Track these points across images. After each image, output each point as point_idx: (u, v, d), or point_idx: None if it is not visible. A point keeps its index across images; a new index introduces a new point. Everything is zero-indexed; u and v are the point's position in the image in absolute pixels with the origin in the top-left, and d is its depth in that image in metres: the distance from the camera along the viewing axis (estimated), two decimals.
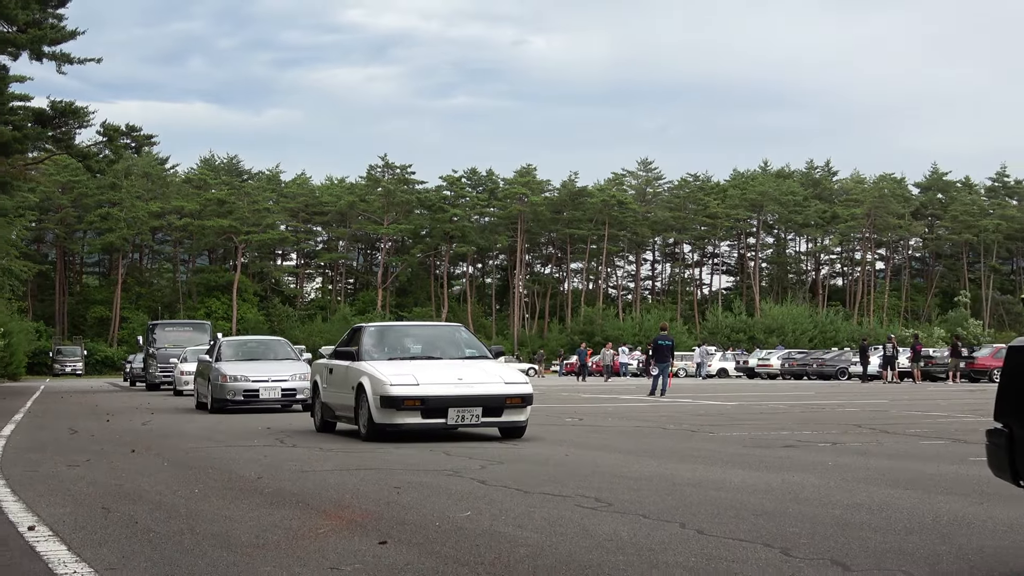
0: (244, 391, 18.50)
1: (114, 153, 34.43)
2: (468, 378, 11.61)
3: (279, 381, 18.59)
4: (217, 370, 19.07)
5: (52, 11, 30.64)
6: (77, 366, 72.54)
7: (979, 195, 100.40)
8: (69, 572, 4.65)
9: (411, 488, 7.40)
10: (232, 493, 7.31)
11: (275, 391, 18.51)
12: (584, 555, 4.87)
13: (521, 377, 11.99)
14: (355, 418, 12.10)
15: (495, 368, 12.16)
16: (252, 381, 18.59)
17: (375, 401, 11.38)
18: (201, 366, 21.05)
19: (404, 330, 13.99)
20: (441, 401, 11.29)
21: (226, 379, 18.62)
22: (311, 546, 5.17)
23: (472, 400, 11.35)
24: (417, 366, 11.95)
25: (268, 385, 18.55)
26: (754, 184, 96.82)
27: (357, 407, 11.97)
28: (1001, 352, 40.60)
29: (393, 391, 11.24)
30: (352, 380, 12.13)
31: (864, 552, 4.88)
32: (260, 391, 18.52)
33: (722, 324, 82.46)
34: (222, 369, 19.00)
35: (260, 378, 18.64)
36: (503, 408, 11.49)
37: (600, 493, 6.98)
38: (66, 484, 7.97)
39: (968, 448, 10.36)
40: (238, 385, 18.56)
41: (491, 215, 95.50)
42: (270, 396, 18.49)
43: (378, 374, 11.54)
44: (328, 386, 13.29)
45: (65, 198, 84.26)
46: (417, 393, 11.26)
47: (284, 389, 18.53)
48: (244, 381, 18.59)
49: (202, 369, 20.80)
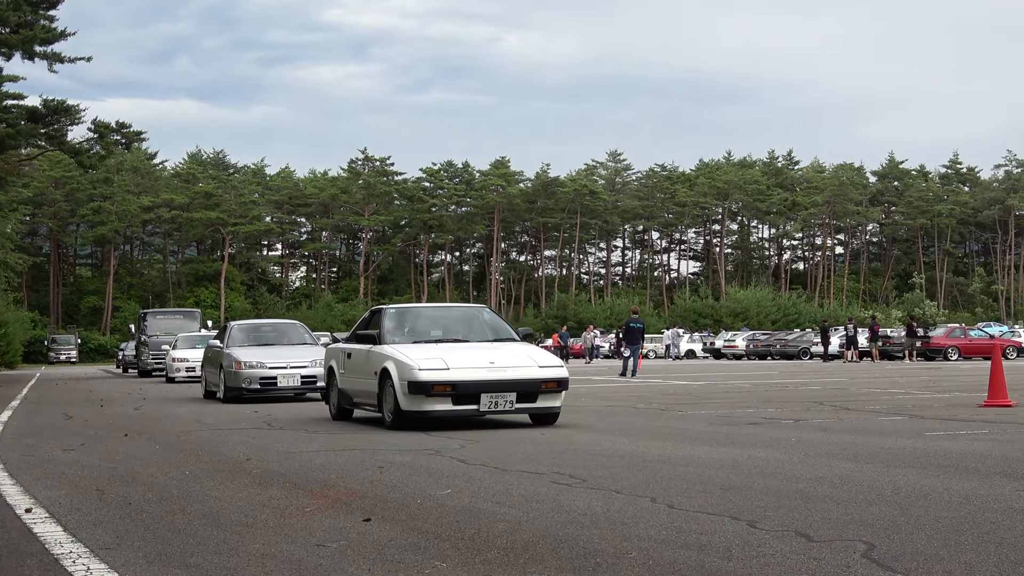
0: (261, 379, 17.00)
1: (105, 149, 34.99)
2: (500, 361, 10.80)
3: (298, 368, 17.13)
4: (230, 356, 17.46)
5: (43, 12, 31.06)
6: (71, 354, 73.37)
7: (933, 182, 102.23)
8: (65, 552, 4.72)
9: (394, 467, 7.56)
10: (222, 474, 7.44)
11: (294, 378, 17.05)
12: (560, 529, 4.99)
13: (556, 360, 11.24)
14: (378, 405, 11.30)
15: (527, 351, 11.38)
16: (269, 368, 17.04)
17: (402, 387, 10.57)
18: (210, 352, 19.30)
19: (427, 312, 13.35)
20: (473, 386, 10.49)
21: (241, 366, 17.07)
22: (298, 524, 5.29)
23: (506, 385, 10.58)
24: (445, 349, 11.10)
25: (287, 372, 17.04)
26: (719, 174, 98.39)
27: (381, 393, 11.16)
28: (955, 332, 41.34)
29: (422, 376, 10.43)
30: (375, 365, 11.28)
31: (826, 523, 5.01)
32: (278, 378, 17.02)
33: (689, 308, 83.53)
34: (236, 355, 17.38)
35: (278, 364, 17.14)
36: (538, 393, 10.76)
37: (574, 470, 7.15)
38: (61, 468, 8.10)
39: (925, 423, 10.61)
40: (254, 372, 17.01)
41: (468, 205, 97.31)
42: (289, 384, 17.05)
43: (405, 358, 10.72)
44: (346, 372, 12.45)
45: (58, 193, 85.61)
46: (448, 378, 10.47)
47: (304, 376, 17.06)
48: (260, 368, 17.04)
49: (212, 355, 19.05)
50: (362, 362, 11.82)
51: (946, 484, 6.25)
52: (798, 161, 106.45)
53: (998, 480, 6.41)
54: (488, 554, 4.49)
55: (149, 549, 4.77)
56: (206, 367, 19.71)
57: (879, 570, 4.06)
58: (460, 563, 4.33)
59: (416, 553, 4.55)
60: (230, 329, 19.21)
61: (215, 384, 18.31)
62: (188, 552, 4.68)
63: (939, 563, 4.14)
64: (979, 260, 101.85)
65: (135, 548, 4.80)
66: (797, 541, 4.62)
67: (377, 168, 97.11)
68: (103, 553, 4.69)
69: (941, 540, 4.58)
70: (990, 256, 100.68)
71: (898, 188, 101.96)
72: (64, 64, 31.67)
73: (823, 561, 4.22)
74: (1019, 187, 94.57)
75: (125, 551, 4.74)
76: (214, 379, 18.47)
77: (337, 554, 4.56)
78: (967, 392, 16.22)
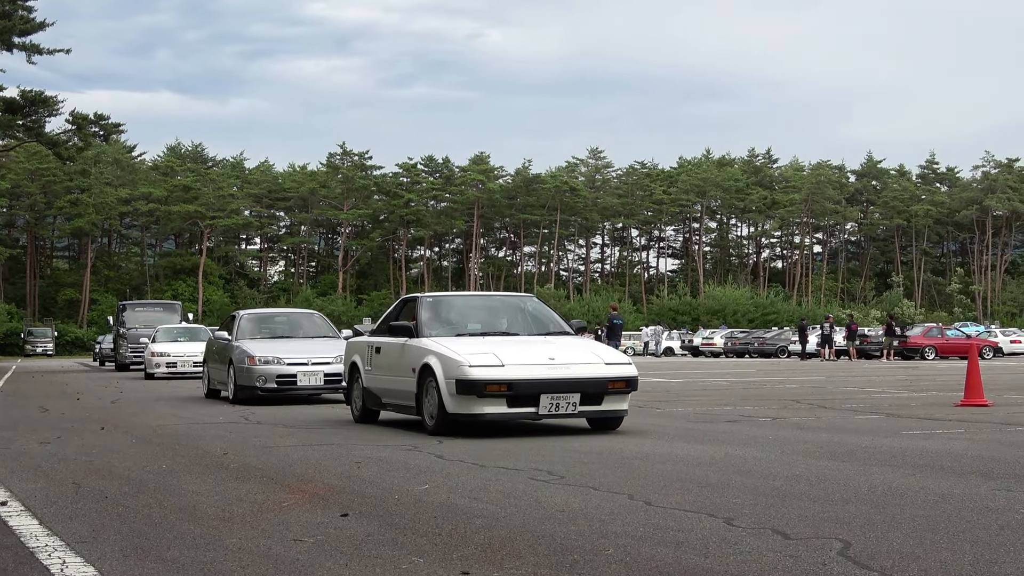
0: (278, 377, 14.84)
1: (83, 141, 35.00)
2: (561, 358, 9.59)
3: (320, 363, 14.99)
4: (241, 350, 15.25)
5: (21, 3, 30.96)
6: (48, 347, 73.19)
7: (911, 182, 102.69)
8: (41, 546, 4.70)
9: (371, 463, 7.56)
10: (199, 468, 7.42)
11: (316, 376, 14.91)
12: (537, 526, 5.00)
13: (623, 358, 10.10)
14: (416, 407, 10.03)
15: (587, 345, 10.28)
16: (287, 364, 14.91)
17: (448, 386, 9.34)
18: (215, 346, 17.06)
19: (469, 301, 12.19)
20: (532, 386, 9.28)
21: (254, 361, 14.90)
22: (275, 519, 5.28)
23: (570, 385, 9.40)
24: (496, 343, 9.87)
25: (308, 369, 14.94)
26: (698, 171, 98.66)
27: (421, 393, 9.90)
28: (932, 332, 41.63)
29: (473, 373, 9.20)
30: (413, 361, 10.04)
31: (803, 521, 5.03)
32: (298, 376, 14.89)
33: (667, 305, 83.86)
34: (248, 349, 15.18)
35: (297, 360, 15.01)
36: (604, 394, 9.58)
37: (552, 467, 7.16)
38: (37, 461, 8.06)
39: (902, 423, 10.67)
40: (269, 369, 14.84)
41: (447, 201, 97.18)
42: (310, 383, 14.92)
43: (452, 353, 9.48)
44: (373, 368, 11.14)
45: (35, 184, 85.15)
46: (503, 376, 9.24)
47: (328, 374, 14.90)
48: (277, 364, 14.89)
49: (217, 350, 16.78)
50: (396, 357, 10.54)
51: (922, 483, 6.28)
52: (777, 159, 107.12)
53: (974, 479, 6.46)
54: (465, 550, 4.49)
55: (125, 543, 4.75)
56: (209, 363, 17.46)
57: (855, 568, 4.08)
58: (437, 559, 4.33)
59: (393, 548, 4.55)
60: (239, 319, 16.83)
61: (221, 382, 16.29)
62: (164, 546, 4.67)
63: (915, 561, 4.16)
64: (957, 260, 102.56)
65: (111, 542, 4.78)
66: (774, 539, 4.63)
67: (355, 162, 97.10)
68: (79, 546, 4.67)
69: (917, 538, 4.61)
70: (967, 256, 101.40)
71: (876, 187, 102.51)
72: (43, 55, 31.82)
73: (799, 559, 4.24)
74: (997, 188, 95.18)
75: (101, 544, 4.72)
76: (220, 376, 16.31)
77: (314, 549, 4.56)
78: (943, 391, 16.33)
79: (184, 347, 25.87)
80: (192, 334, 27.59)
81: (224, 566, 4.27)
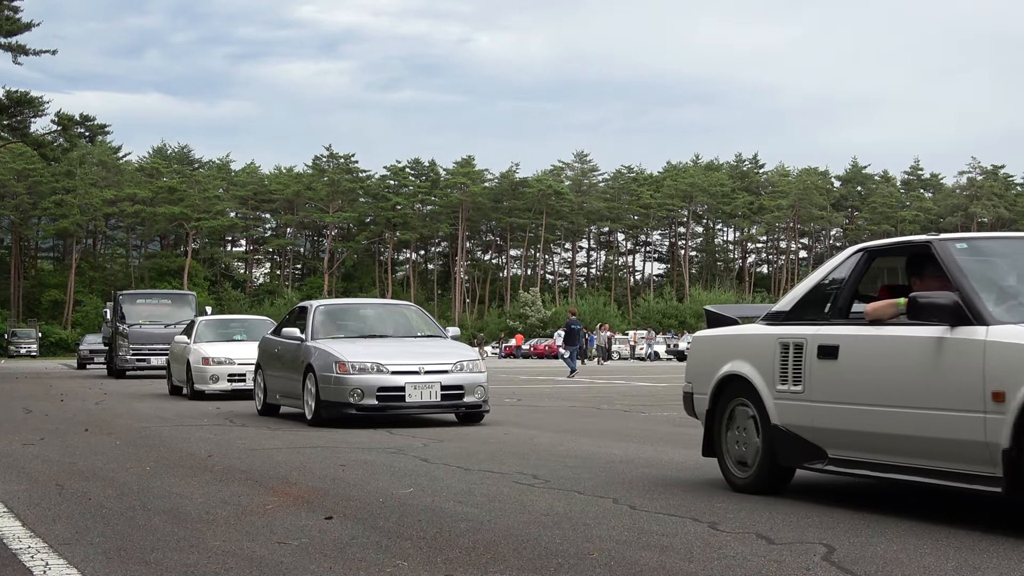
0: (379, 390, 11.02)
1: (68, 142, 34.76)
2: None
3: (437, 372, 11.28)
4: (325, 353, 11.38)
5: (7, 3, 30.91)
6: (32, 348, 72.62)
7: (896, 188, 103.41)
8: (24, 547, 4.68)
9: (356, 466, 7.56)
10: (183, 470, 7.40)
11: (431, 390, 11.15)
12: (522, 529, 5.01)
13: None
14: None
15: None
16: (392, 373, 11.13)
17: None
18: (277, 347, 12.89)
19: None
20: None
21: (346, 369, 11.05)
22: (259, 521, 5.27)
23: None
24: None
25: (420, 380, 11.16)
26: (685, 176, 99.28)
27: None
28: None
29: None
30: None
31: (787, 526, 5.06)
32: (407, 389, 11.08)
33: (653, 309, 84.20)
34: (335, 352, 11.31)
35: (405, 367, 11.23)
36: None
37: (537, 470, 7.18)
38: (21, 462, 8.02)
39: None
40: (368, 380, 11.01)
41: (433, 204, 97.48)
42: (422, 398, 11.14)
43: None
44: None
45: (20, 185, 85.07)
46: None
47: (445, 386, 11.23)
48: (378, 373, 11.08)
49: (280, 352, 12.71)
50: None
51: None
52: (763, 164, 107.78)
53: None
54: (450, 553, 4.49)
55: (108, 545, 4.73)
56: (265, 369, 13.26)
57: (839, 573, 4.10)
58: (422, 562, 4.33)
59: (378, 552, 4.54)
60: (312, 312, 12.56)
61: (287, 395, 12.34)
62: (148, 548, 4.65)
63: (898, 567, 4.18)
64: None
65: (94, 544, 4.77)
66: (758, 543, 4.65)
67: (341, 165, 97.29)
68: (62, 548, 4.66)
69: (900, 544, 4.62)
70: None
71: (861, 193, 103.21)
72: (29, 56, 31.60)
73: (783, 563, 4.26)
74: (982, 194, 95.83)
75: (84, 546, 4.70)
76: (283, 388, 12.48)
77: (298, 552, 4.55)
78: None
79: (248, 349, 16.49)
80: (249, 329, 19.14)
81: (207, 568, 4.25)
